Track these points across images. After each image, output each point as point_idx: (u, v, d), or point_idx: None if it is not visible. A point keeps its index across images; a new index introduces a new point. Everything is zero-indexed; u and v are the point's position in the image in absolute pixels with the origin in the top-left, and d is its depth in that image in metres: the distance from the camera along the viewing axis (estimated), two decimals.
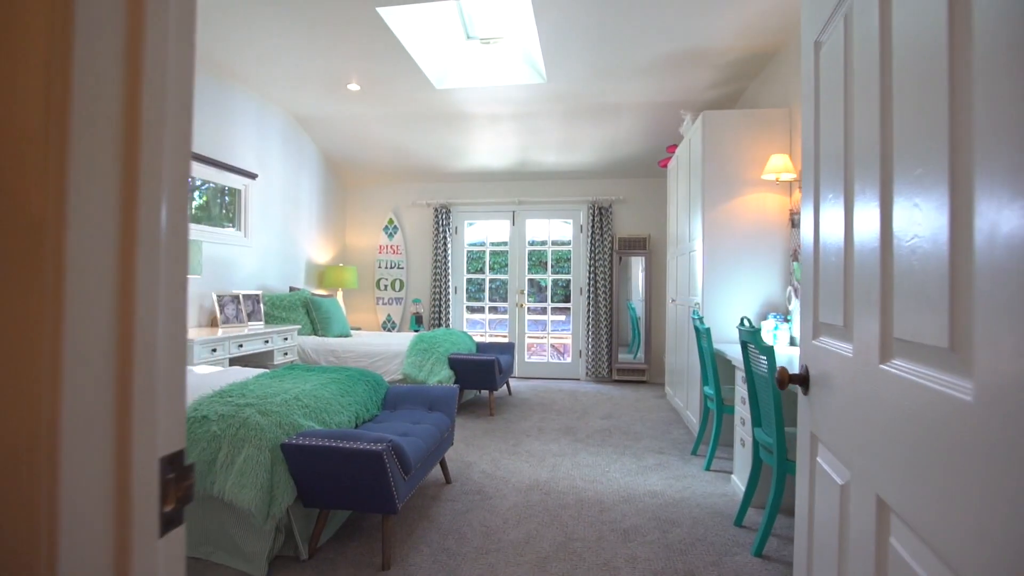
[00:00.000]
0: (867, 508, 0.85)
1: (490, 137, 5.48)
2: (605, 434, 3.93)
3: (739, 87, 4.43)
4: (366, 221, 6.64)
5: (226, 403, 2.17)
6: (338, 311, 5.19)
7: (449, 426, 2.78)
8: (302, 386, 2.46)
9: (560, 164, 5.96)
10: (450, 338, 4.79)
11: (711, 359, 3.14)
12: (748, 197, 3.65)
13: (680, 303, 4.43)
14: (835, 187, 1.05)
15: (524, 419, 4.34)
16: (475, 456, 3.40)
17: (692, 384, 3.92)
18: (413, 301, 6.46)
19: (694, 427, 3.79)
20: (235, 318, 4.22)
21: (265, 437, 2.01)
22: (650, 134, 5.25)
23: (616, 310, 6.07)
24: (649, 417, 4.44)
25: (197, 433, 2.05)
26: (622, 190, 6.17)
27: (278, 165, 5.18)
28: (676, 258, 4.65)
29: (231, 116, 4.48)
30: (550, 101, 4.77)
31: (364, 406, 2.67)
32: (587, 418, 4.39)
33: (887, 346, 0.81)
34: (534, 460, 3.33)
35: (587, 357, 6.11)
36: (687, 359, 4.09)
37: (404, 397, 2.96)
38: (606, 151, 5.63)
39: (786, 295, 3.55)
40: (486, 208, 6.42)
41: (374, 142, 5.68)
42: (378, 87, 4.52)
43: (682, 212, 4.41)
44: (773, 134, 3.63)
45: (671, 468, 3.22)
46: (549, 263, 6.39)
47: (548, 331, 6.48)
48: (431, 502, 2.69)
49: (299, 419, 2.18)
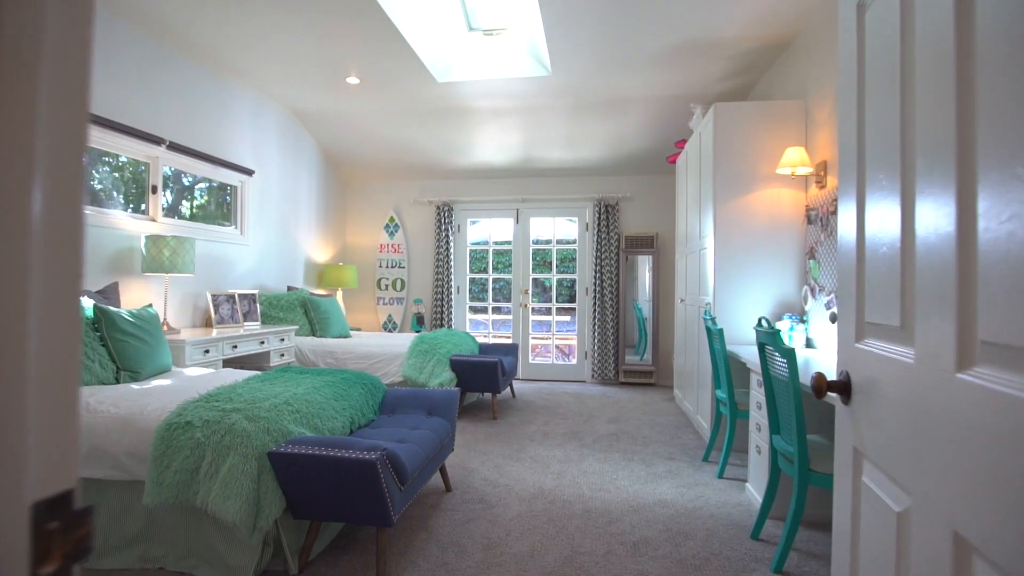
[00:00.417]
0: (939, 545, 0.72)
1: (494, 133, 5.35)
2: (612, 439, 3.79)
3: (751, 79, 4.28)
4: (366, 219, 6.52)
5: (212, 408, 2.04)
6: (337, 311, 5.07)
7: (449, 431, 2.65)
8: (294, 390, 2.33)
9: (565, 160, 5.82)
10: (452, 339, 4.66)
11: (724, 361, 3.00)
12: (761, 193, 3.51)
13: (690, 303, 4.28)
14: (888, 174, 0.91)
15: (528, 423, 4.20)
16: (477, 462, 3.26)
17: (703, 387, 3.77)
18: (414, 301, 6.34)
19: (705, 432, 3.65)
20: (230, 318, 4.10)
21: (252, 445, 1.88)
22: (658, 129, 5.10)
23: (623, 310, 5.93)
24: (658, 421, 4.29)
25: (180, 440, 1.93)
26: (629, 187, 6.02)
27: (276, 161, 5.07)
28: (685, 257, 4.51)
29: (226, 111, 4.37)
30: (555, 95, 4.63)
31: (360, 411, 2.54)
32: (593, 422, 4.25)
33: (967, 351, 0.67)
34: (538, 466, 3.19)
35: (593, 359, 5.97)
36: (697, 361, 3.94)
37: (402, 401, 2.83)
38: (613, 147, 5.49)
39: (802, 294, 3.40)
40: (489, 206, 6.29)
41: (375, 138, 5.56)
42: (378, 81, 4.40)
43: (692, 209, 4.27)
44: (788, 127, 3.48)
45: (682, 475, 3.07)
46: (554, 262, 6.25)
47: (553, 332, 6.34)
48: (430, 512, 2.56)
49: (289, 425, 2.05)
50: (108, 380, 2.62)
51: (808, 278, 3.36)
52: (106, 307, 2.72)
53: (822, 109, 3.24)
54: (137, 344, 2.76)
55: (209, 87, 4.16)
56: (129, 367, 2.70)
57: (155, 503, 1.89)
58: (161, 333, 2.98)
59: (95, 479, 2.05)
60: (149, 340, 2.84)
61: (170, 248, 3.42)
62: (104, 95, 3.31)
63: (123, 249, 3.47)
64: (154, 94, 3.67)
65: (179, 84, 3.87)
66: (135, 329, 2.78)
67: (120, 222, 3.44)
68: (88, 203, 3.27)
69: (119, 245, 3.44)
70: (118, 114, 3.39)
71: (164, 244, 3.41)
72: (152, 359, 2.82)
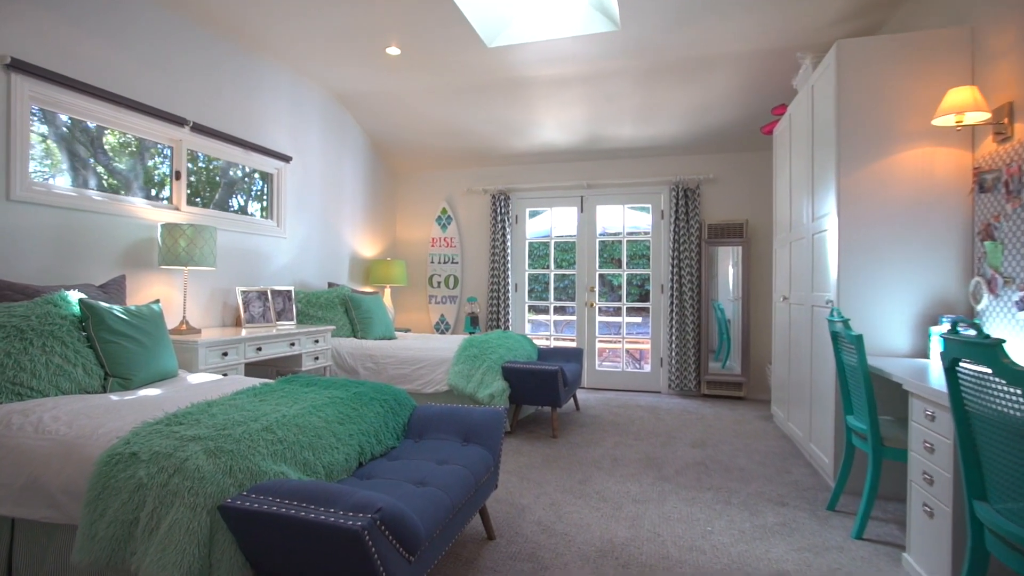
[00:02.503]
0: None
1: (553, 108, 4.70)
2: (700, 469, 3.03)
3: (878, 18, 3.37)
4: (417, 211, 6.06)
5: (168, 434, 1.54)
6: (380, 310, 4.60)
7: (491, 465, 2.04)
8: (286, 409, 1.80)
9: (637, 138, 5.07)
10: (505, 342, 4.06)
11: (864, 379, 2.19)
12: (904, 155, 2.65)
13: (797, 302, 3.44)
14: None
15: (594, 444, 3.52)
16: (530, 496, 2.63)
17: (819, 408, 2.94)
18: (468, 300, 5.80)
19: (824, 467, 2.82)
20: (261, 317, 3.71)
21: (204, 491, 1.36)
22: (751, 93, 4.26)
23: (705, 311, 5.09)
24: (755, 448, 3.48)
25: (119, 479, 1.44)
26: (713, 167, 5.18)
27: (317, 148, 4.68)
28: (789, 245, 3.66)
29: (259, 92, 4.00)
30: (625, 56, 3.92)
31: (375, 436, 1.97)
32: (674, 445, 3.51)
33: None
34: (607, 507, 2.51)
35: (670, 366, 5.17)
36: (810, 373, 3.11)
37: (434, 422, 2.24)
38: (693, 119, 4.69)
39: (970, 289, 2.51)
40: (550, 193, 5.64)
41: (422, 120, 5.07)
42: (421, 48, 3.87)
43: (799, 187, 3.42)
44: (944, 64, 2.60)
45: (802, 531, 2.29)
46: (624, 256, 5.51)
47: (623, 335, 5.60)
48: (464, 569, 1.96)
49: (263, 462, 1.51)
50: (93, 388, 2.22)
51: (981, 266, 2.47)
52: (94, 303, 2.33)
53: (1003, 34, 2.35)
54: (129, 346, 2.35)
55: (236, 65, 3.79)
56: (119, 373, 2.30)
57: (85, 562, 1.40)
58: (163, 333, 2.57)
59: (31, 521, 1.60)
60: (145, 341, 2.43)
61: (186, 238, 3.04)
62: (116, 69, 2.98)
63: (142, 240, 3.13)
64: (173, 71, 3.33)
65: (201, 60, 3.52)
66: (128, 328, 2.37)
67: (137, 210, 3.10)
68: (102, 189, 2.96)
69: (138, 235, 3.11)
70: (131, 90, 3.05)
71: (180, 233, 3.04)
72: (147, 363, 2.40)
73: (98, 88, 2.86)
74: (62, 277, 2.74)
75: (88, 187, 2.95)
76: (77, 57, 2.79)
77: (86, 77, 2.83)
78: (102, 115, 2.93)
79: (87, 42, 2.84)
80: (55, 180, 2.81)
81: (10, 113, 2.53)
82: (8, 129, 2.53)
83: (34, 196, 2.62)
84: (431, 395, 3.84)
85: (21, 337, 2.07)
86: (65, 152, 2.87)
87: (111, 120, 3.00)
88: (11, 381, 2.00)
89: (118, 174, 3.17)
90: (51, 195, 2.70)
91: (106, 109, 2.93)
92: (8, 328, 2.06)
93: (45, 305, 2.22)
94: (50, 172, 2.79)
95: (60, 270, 2.74)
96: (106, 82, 2.92)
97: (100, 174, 3.07)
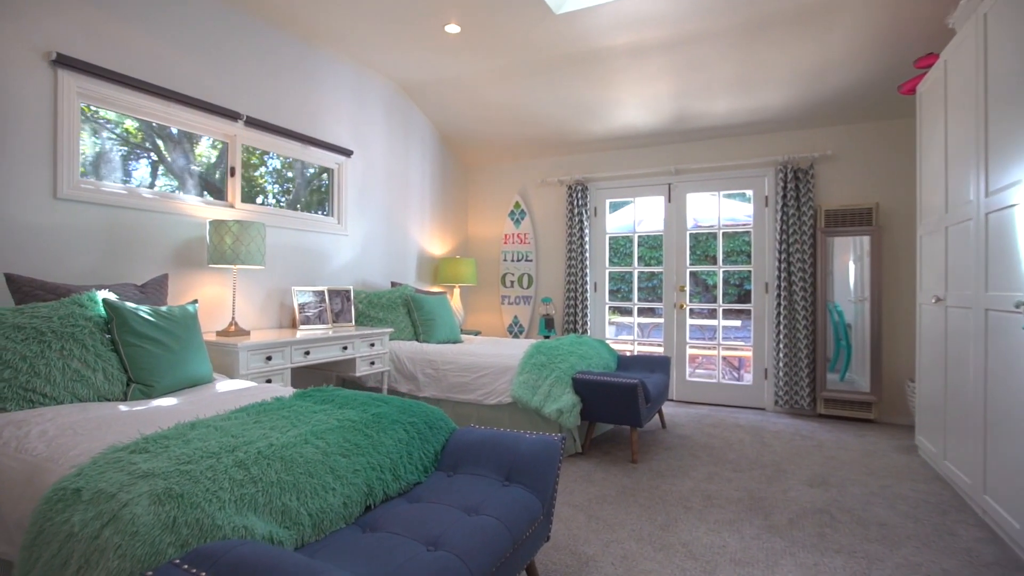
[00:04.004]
0: None
1: (633, 83, 4.13)
2: (822, 520, 2.36)
3: None
4: (489, 206, 5.71)
5: (126, 466, 1.25)
6: (445, 311, 4.29)
7: (537, 515, 1.58)
8: (276, 436, 1.46)
9: (734, 113, 4.35)
10: (578, 349, 3.57)
11: None
12: None
13: (958, 304, 2.63)
14: None
15: (682, 474, 2.93)
16: (597, 543, 2.13)
17: (997, 444, 2.16)
18: (543, 300, 5.35)
19: (1012, 533, 2.05)
20: (317, 318, 3.51)
21: (133, 553, 1.03)
22: (884, 44, 3.43)
23: (821, 313, 4.27)
24: (898, 492, 2.71)
25: (55, 523, 1.16)
26: (830, 142, 4.33)
27: (380, 142, 4.46)
28: (945, 231, 2.84)
29: (317, 83, 3.82)
30: (717, 10, 3.28)
31: (391, 470, 1.59)
32: (785, 480, 2.83)
33: None
34: (696, 569, 1.95)
35: (777, 378, 4.40)
36: (982, 398, 2.32)
37: (473, 451, 1.82)
38: (805, 85, 3.91)
39: None
40: (633, 182, 5.05)
41: (489, 108, 4.70)
42: (481, 22, 3.49)
43: (960, 155, 2.62)
44: None
45: None
46: (720, 251, 4.79)
47: (719, 340, 4.88)
48: None
49: (220, 512, 1.16)
50: (113, 395, 2.04)
51: None
52: (119, 303, 2.17)
53: None
54: (153, 350, 2.16)
55: (292, 54, 3.63)
56: (141, 379, 2.11)
57: None
58: (194, 336, 2.38)
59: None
60: (173, 345, 2.24)
61: (232, 235, 2.88)
62: (165, 62, 2.88)
63: (193, 238, 3.02)
64: (225, 62, 3.20)
65: (254, 51, 3.37)
66: (153, 331, 2.19)
67: (188, 207, 2.99)
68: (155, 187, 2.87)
69: (189, 234, 3.00)
70: (182, 84, 2.94)
71: (226, 230, 2.88)
72: (172, 369, 2.21)
73: (147, 83, 2.76)
74: (109, 277, 2.65)
75: (151, 187, 2.88)
76: (124, 51, 2.70)
77: (134, 72, 2.73)
78: (152, 110, 2.84)
79: (134, 35, 2.74)
80: (133, 176, 2.77)
81: (57, 109, 2.46)
82: (55, 126, 2.46)
83: (82, 194, 2.55)
84: (494, 407, 3.44)
85: (40, 339, 1.93)
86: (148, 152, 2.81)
87: (161, 115, 2.90)
88: (24, 387, 1.85)
89: (190, 175, 3.09)
90: (100, 193, 2.62)
91: (156, 104, 2.83)
92: (28, 330, 1.93)
93: (71, 306, 2.08)
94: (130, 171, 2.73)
95: (108, 269, 2.65)
96: (155, 76, 2.82)
97: (178, 175, 3.02)
